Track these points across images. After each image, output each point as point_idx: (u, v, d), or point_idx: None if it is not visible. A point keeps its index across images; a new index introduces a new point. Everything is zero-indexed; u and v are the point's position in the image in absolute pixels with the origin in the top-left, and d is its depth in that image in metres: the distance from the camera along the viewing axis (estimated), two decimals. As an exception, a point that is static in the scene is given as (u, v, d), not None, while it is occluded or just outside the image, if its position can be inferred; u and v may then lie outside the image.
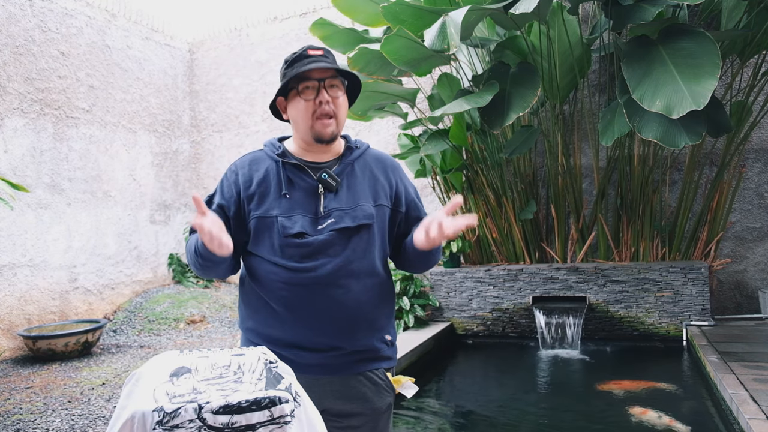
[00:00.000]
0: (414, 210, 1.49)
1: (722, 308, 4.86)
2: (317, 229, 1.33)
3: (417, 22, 4.19)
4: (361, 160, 1.45)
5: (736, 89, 4.75)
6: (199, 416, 0.83)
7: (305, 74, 1.34)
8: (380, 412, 1.37)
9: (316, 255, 1.32)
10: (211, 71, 7.37)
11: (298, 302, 1.32)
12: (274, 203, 1.35)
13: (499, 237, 5.27)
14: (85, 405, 3.45)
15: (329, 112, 1.34)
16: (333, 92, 1.36)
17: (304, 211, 1.34)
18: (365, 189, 1.40)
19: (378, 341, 1.39)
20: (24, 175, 5.23)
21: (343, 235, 1.33)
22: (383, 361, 1.40)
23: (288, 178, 1.37)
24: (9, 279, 5.06)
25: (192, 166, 7.46)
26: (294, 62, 1.36)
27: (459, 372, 4.34)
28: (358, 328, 1.35)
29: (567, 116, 5.20)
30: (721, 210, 4.79)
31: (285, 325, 1.33)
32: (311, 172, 1.38)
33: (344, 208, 1.35)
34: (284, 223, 1.32)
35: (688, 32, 3.47)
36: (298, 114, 1.37)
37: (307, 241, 1.32)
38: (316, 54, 1.36)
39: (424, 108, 5.67)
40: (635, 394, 3.32)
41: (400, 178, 1.49)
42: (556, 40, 4.40)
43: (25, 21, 5.35)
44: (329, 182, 1.36)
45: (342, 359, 1.34)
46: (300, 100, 1.35)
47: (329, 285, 1.31)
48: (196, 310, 6.04)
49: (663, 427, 2.80)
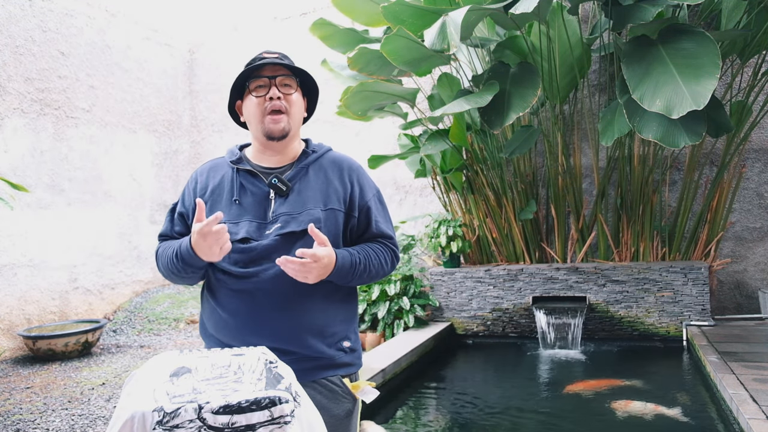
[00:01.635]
0: (365, 216, 1.43)
1: (722, 308, 4.86)
2: (264, 234, 1.33)
3: (417, 22, 4.19)
4: (317, 164, 1.43)
5: (736, 89, 4.75)
6: (199, 416, 0.83)
7: (256, 72, 1.36)
8: (339, 418, 1.35)
9: (259, 260, 1.31)
10: (211, 71, 7.37)
11: (244, 308, 1.32)
12: (224, 210, 1.36)
13: (499, 237, 5.27)
14: (85, 405, 3.45)
15: (280, 107, 1.35)
16: (285, 89, 1.36)
17: (253, 216, 1.35)
18: (316, 193, 1.38)
19: (332, 348, 1.36)
20: (24, 175, 5.23)
21: (288, 240, 1.31)
22: (340, 368, 1.37)
23: (241, 184, 1.38)
24: (9, 279, 5.06)
25: (192, 166, 7.46)
26: (249, 64, 1.39)
27: (459, 372, 4.34)
28: (307, 335, 1.32)
29: (567, 116, 5.20)
30: (721, 210, 4.79)
31: (233, 332, 1.33)
32: (263, 178, 1.38)
33: (292, 213, 1.34)
34: (231, 229, 1.32)
35: (688, 32, 3.47)
36: (250, 112, 1.38)
37: (250, 246, 1.32)
38: (270, 56, 1.38)
39: (424, 108, 5.67)
40: (616, 391, 3.33)
41: (357, 181, 1.44)
42: (556, 40, 4.40)
43: (25, 21, 5.34)
44: (279, 187, 1.35)
45: (297, 365, 1.30)
46: (252, 97, 1.37)
47: (273, 290, 1.30)
48: (196, 310, 6.03)
49: (652, 414, 2.81)
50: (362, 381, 1.43)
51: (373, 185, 1.50)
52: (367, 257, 1.38)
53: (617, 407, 3.11)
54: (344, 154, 1.52)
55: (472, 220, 5.41)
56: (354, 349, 1.42)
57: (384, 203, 1.51)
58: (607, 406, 3.15)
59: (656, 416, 2.95)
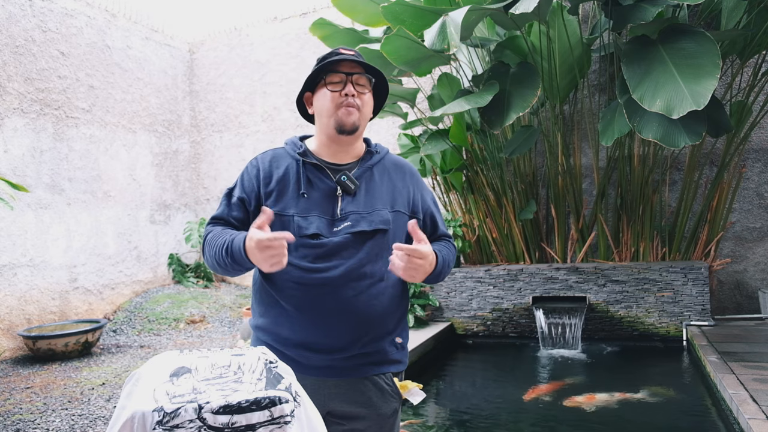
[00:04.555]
0: (430, 219, 1.48)
1: (722, 308, 4.86)
2: (333, 231, 1.33)
3: (417, 22, 4.19)
4: (381, 165, 1.44)
5: (736, 89, 4.75)
6: (199, 416, 0.83)
7: (334, 67, 1.36)
8: (385, 417, 1.37)
9: (329, 257, 1.31)
10: (211, 71, 7.37)
11: (309, 303, 1.31)
12: (291, 202, 1.35)
13: (499, 237, 5.27)
14: (85, 405, 3.45)
15: (354, 104, 1.35)
16: (360, 88, 1.37)
17: (321, 212, 1.34)
18: (383, 194, 1.39)
19: (387, 344, 1.38)
20: (24, 175, 5.23)
21: (358, 239, 1.32)
22: (392, 364, 1.40)
23: (307, 178, 1.37)
24: (9, 279, 5.06)
25: (192, 166, 7.46)
26: (325, 58, 1.38)
27: (459, 372, 4.34)
28: (368, 331, 1.34)
29: (567, 116, 5.20)
30: (721, 210, 4.79)
31: (294, 325, 1.33)
32: (331, 174, 1.38)
33: (361, 212, 1.34)
34: (300, 223, 1.32)
35: (688, 32, 3.47)
36: (323, 104, 1.37)
37: (321, 242, 1.31)
38: (347, 53, 1.38)
39: (424, 108, 5.67)
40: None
41: (418, 185, 1.48)
42: (556, 40, 4.40)
43: (25, 21, 5.34)
44: (348, 185, 1.35)
45: (349, 362, 1.33)
46: (326, 90, 1.36)
47: (340, 287, 1.31)
48: (196, 310, 6.04)
49: (621, 401, 2.81)
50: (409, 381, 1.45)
51: (429, 189, 1.54)
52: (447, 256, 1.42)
53: (607, 403, 3.11)
54: (402, 158, 1.54)
55: (472, 220, 5.41)
56: (404, 345, 1.44)
57: (438, 206, 1.55)
58: (608, 405, 3.16)
59: (656, 417, 2.95)
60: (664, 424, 2.88)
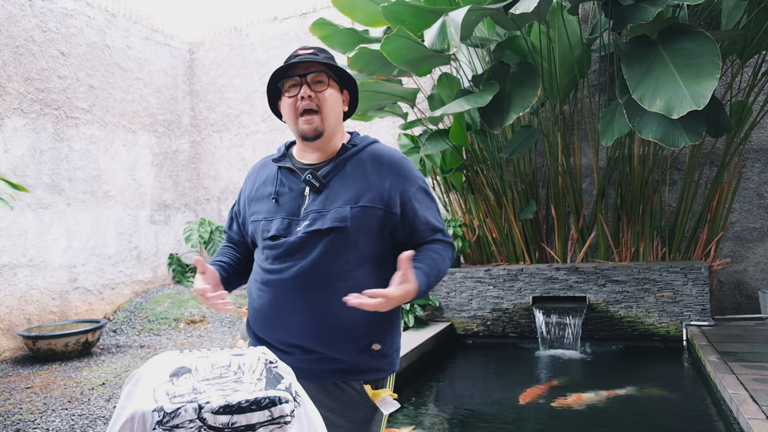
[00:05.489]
0: (412, 213, 1.35)
1: (722, 308, 4.86)
2: (294, 231, 1.32)
3: (417, 22, 4.18)
4: (356, 158, 1.37)
5: (736, 89, 4.75)
6: (199, 416, 0.83)
7: (288, 71, 1.34)
8: (358, 423, 1.33)
9: (285, 257, 1.31)
10: (211, 71, 7.37)
11: (268, 303, 1.33)
12: (263, 207, 1.39)
13: (499, 237, 5.27)
14: (85, 405, 3.45)
15: (310, 106, 1.32)
16: (317, 87, 1.33)
17: (287, 213, 1.34)
18: (349, 189, 1.32)
19: (358, 351, 1.31)
20: (24, 175, 5.23)
21: (314, 238, 1.29)
22: (363, 372, 1.32)
23: (281, 182, 1.39)
24: (9, 279, 5.06)
25: (192, 166, 7.46)
26: (286, 62, 1.37)
27: (459, 372, 4.34)
28: (333, 335, 1.29)
29: (567, 116, 5.20)
30: (721, 210, 4.79)
31: (263, 324, 1.36)
32: (301, 174, 1.38)
33: (320, 210, 1.31)
34: (264, 226, 1.36)
35: (688, 32, 3.47)
36: (286, 113, 1.38)
37: (279, 242, 1.32)
38: (305, 52, 1.34)
39: (424, 108, 5.67)
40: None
41: (399, 177, 1.35)
42: (556, 40, 4.40)
43: (25, 21, 5.34)
44: (313, 183, 1.33)
45: (318, 365, 1.30)
46: (285, 98, 1.36)
47: (294, 288, 1.29)
48: (196, 310, 6.04)
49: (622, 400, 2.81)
50: (385, 390, 1.36)
51: (417, 177, 1.40)
52: (436, 266, 1.33)
53: (606, 398, 3.11)
54: (388, 147, 1.43)
55: (472, 220, 5.41)
56: (385, 354, 1.35)
57: (431, 194, 1.43)
58: (606, 404, 3.16)
59: (656, 417, 2.95)
60: (664, 424, 2.88)
